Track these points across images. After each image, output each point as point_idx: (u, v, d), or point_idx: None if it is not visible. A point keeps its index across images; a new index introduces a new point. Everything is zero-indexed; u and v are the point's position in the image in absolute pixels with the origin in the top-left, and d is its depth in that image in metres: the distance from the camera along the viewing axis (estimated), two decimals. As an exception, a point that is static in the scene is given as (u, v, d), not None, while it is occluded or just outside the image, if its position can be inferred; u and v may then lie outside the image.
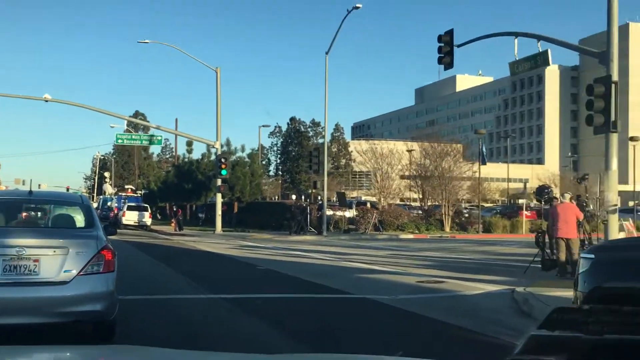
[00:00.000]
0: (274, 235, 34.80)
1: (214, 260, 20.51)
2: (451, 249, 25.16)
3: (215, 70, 37.68)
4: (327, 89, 33.82)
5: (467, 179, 39.27)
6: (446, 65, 22.20)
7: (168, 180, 58.19)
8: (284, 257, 21.41)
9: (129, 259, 19.66)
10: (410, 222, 37.33)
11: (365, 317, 9.82)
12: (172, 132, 37.62)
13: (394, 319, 9.71)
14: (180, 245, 28.12)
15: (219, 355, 3.20)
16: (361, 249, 25.49)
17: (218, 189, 37.38)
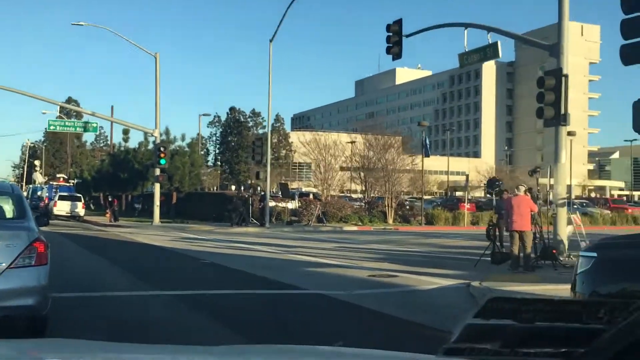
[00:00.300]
0: (215, 227, 33.90)
1: (154, 253, 19.59)
2: (397, 241, 24.99)
3: (154, 55, 36.32)
4: (270, 78, 33.08)
5: (410, 172, 39.32)
6: (395, 55, 21.90)
7: (103, 169, 56.19)
8: (227, 249, 20.69)
9: (62, 252, 18.51)
10: (353, 214, 37.10)
11: (322, 315, 9.31)
12: (108, 119, 36.00)
13: (352, 316, 9.25)
14: (117, 237, 26.93)
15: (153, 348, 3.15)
16: (306, 241, 25.00)
17: (156, 178, 36.12)
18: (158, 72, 36.27)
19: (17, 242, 6.34)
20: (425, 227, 35.78)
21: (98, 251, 19.01)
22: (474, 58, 18.52)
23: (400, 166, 37.40)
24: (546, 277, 12.70)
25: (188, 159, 44.30)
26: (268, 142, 33.52)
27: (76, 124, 35.79)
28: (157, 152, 35.37)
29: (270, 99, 32.94)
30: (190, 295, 10.35)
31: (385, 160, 36.75)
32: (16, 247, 6.29)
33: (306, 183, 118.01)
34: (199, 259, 17.35)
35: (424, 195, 48.00)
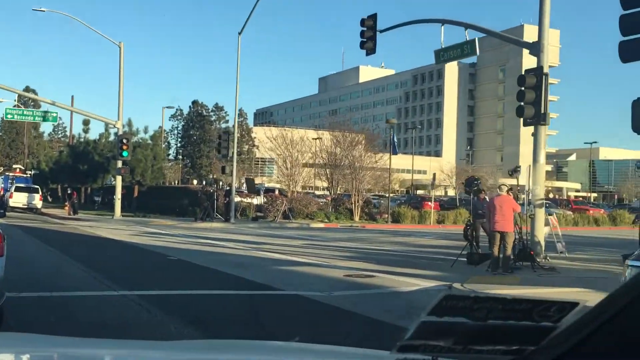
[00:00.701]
0: (178, 222, 33.03)
1: (117, 248, 18.78)
2: (366, 239, 24.62)
3: (119, 45, 35.18)
4: (238, 71, 32.33)
5: (378, 170, 39.04)
6: (368, 50, 21.50)
7: (61, 160, 54.48)
8: (194, 245, 20.00)
9: (19, 247, 17.60)
10: (320, 211, 36.65)
11: (304, 318, 8.81)
12: (69, 108, 34.64)
13: (335, 320, 8.77)
14: (77, 231, 25.90)
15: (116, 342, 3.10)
16: (274, 237, 24.44)
17: (118, 171, 35.06)
18: (122, 62, 35.18)
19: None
20: (392, 225, 35.56)
21: (58, 246, 18.11)
22: (450, 55, 18.21)
23: (367, 163, 37.09)
24: (527, 280, 12.46)
25: (150, 151, 43.21)
26: (235, 135, 32.79)
27: (35, 113, 34.33)
28: (119, 144, 34.29)
29: (238, 93, 32.26)
30: (160, 296, 9.72)
31: (353, 157, 36.37)
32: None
33: (268, 178, 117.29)
34: (165, 255, 16.65)
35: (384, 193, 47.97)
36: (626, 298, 1.27)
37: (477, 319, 1.32)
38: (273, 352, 2.66)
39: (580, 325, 1.31)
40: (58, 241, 20.32)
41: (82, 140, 52.14)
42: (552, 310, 1.33)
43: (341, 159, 36.80)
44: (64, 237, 23.05)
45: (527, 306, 1.33)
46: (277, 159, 38.19)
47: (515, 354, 1.37)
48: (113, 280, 11.17)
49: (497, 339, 1.35)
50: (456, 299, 1.33)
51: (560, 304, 1.33)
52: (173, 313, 8.44)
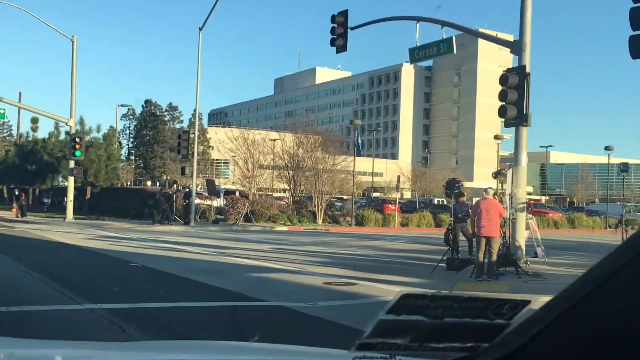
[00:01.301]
0: (135, 225, 31.68)
1: (74, 254, 17.54)
2: (334, 243, 23.90)
3: (72, 39, 33.58)
4: (199, 68, 31.25)
5: (341, 172, 38.38)
6: (339, 47, 20.83)
7: (8, 160, 52.10)
8: (156, 250, 18.93)
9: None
10: (282, 213, 35.80)
11: (291, 332, 8.01)
12: (17, 105, 32.80)
13: (325, 334, 8.01)
14: (27, 234, 24.38)
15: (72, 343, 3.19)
16: (238, 241, 23.49)
17: (70, 171, 33.46)
18: (75, 57, 33.59)
19: None
20: (356, 228, 34.98)
21: (8, 252, 16.79)
22: (426, 53, 17.69)
23: (331, 165, 36.41)
24: (515, 287, 11.95)
25: (104, 151, 41.57)
26: (195, 135, 31.65)
27: (-19, 108, 32.52)
28: (72, 143, 32.72)
29: (198, 90, 31.16)
30: (131, 310, 8.77)
31: (315, 158, 35.63)
32: None
33: (225, 180, 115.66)
34: (128, 261, 15.57)
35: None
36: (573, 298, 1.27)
37: (434, 317, 1.33)
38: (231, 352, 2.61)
39: (529, 324, 1.32)
40: (7, 246, 18.94)
41: (30, 139, 49.91)
42: (505, 308, 1.35)
43: (304, 160, 36.02)
44: (14, 241, 21.59)
45: (482, 304, 1.35)
46: (237, 159, 37.13)
47: (470, 350, 1.40)
48: (75, 291, 10.12)
49: (452, 336, 1.38)
50: (414, 298, 1.33)
51: (512, 302, 1.36)
52: (149, 330, 7.52)
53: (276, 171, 39.96)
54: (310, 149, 35.60)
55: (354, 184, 39.46)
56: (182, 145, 31.25)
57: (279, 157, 38.03)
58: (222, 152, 40.49)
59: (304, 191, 38.60)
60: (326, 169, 35.56)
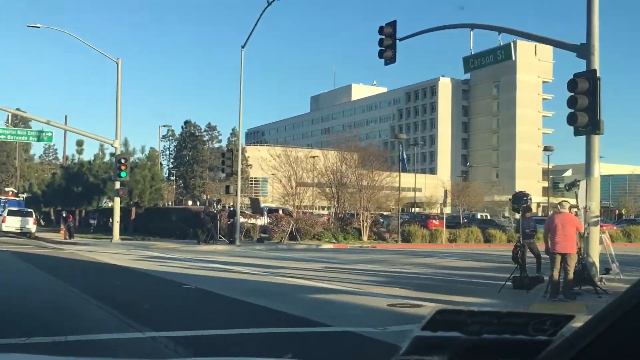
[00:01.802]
0: (180, 245, 31.49)
1: (125, 276, 17.23)
2: (386, 261, 23.16)
3: (116, 61, 33.82)
4: (242, 86, 31.05)
5: (386, 188, 37.64)
6: (387, 59, 20.25)
7: (55, 183, 52.91)
8: (205, 271, 18.51)
9: (17, 276, 16.11)
10: (326, 231, 35.19)
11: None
12: (65, 128, 33.02)
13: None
14: (76, 256, 24.30)
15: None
16: (287, 260, 22.97)
17: (116, 192, 33.50)
18: (119, 79, 33.83)
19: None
20: (402, 244, 34.14)
21: (60, 274, 16.57)
22: (481, 62, 16.96)
23: (376, 181, 35.72)
24: (594, 307, 11.07)
25: (148, 172, 41.71)
26: (239, 154, 31.31)
27: (29, 132, 32.76)
28: (117, 165, 32.78)
29: (241, 107, 30.99)
30: (195, 339, 8.23)
31: (360, 174, 34.99)
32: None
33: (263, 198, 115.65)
34: (180, 283, 15.15)
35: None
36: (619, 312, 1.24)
37: (471, 333, 1.30)
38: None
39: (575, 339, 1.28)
40: (59, 269, 18.79)
41: (76, 162, 50.48)
42: (548, 323, 1.33)
43: (347, 177, 35.41)
44: (64, 263, 21.48)
45: (522, 320, 1.32)
46: (280, 177, 36.70)
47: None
48: (133, 317, 9.66)
49: (491, 353, 1.32)
50: (450, 313, 1.30)
51: (555, 317, 1.32)
52: None
53: (317, 188, 39.42)
54: (354, 164, 34.98)
55: (399, 199, 38.67)
56: (226, 163, 30.99)
57: (322, 174, 37.48)
58: (264, 170, 40.08)
59: (347, 208, 37.97)
60: (370, 185, 34.87)
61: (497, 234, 37.70)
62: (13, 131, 32.35)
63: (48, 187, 55.70)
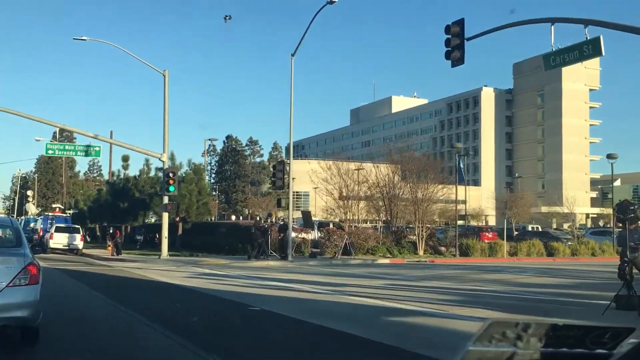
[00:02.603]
0: (230, 260, 30.46)
1: (182, 296, 16.15)
2: (454, 277, 21.65)
3: (163, 73, 33.21)
4: (292, 94, 30.06)
5: (444, 200, 36.08)
6: (455, 60, 18.89)
7: (101, 198, 52.71)
8: (266, 289, 17.32)
9: (69, 297, 15.18)
10: (380, 245, 33.77)
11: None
12: (113, 142, 32.42)
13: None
14: (127, 274, 23.43)
15: None
16: (347, 277, 21.65)
17: (164, 207, 32.72)
18: (167, 91, 33.15)
19: (14, 265, 7.43)
20: (461, 259, 32.50)
21: (113, 294, 15.58)
22: (565, 58, 15.47)
23: (432, 192, 34.21)
24: None
25: (195, 186, 40.96)
26: (290, 166, 30.21)
27: (77, 147, 32.29)
28: (165, 179, 32.04)
29: (292, 116, 29.95)
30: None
31: (415, 186, 33.52)
32: (14, 269, 7.38)
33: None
34: (242, 303, 13.98)
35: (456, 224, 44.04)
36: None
37: (526, 347, 1.24)
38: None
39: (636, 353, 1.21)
40: (111, 288, 17.84)
41: (122, 177, 50.19)
42: (607, 336, 1.26)
43: (401, 188, 33.99)
44: (115, 282, 20.59)
45: (580, 333, 1.26)
46: (332, 189, 35.46)
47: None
48: (204, 346, 8.47)
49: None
50: (503, 326, 1.25)
51: (615, 329, 1.25)
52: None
53: (368, 201, 38.02)
54: (409, 175, 33.55)
55: (457, 211, 37.02)
56: (277, 176, 29.90)
57: (373, 186, 36.11)
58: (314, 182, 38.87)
59: (399, 221, 36.50)
60: (426, 198, 33.39)
61: (560, 247, 35.76)
62: (61, 146, 31.90)
63: (94, 203, 55.58)
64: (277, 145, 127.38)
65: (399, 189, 34.21)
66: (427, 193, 33.65)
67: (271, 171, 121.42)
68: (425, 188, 33.63)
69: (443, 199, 36.63)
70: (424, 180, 34.08)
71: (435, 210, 36.15)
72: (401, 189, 34.01)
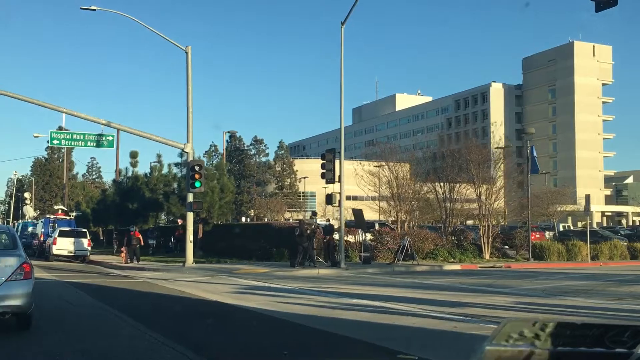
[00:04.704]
0: (270, 268, 25.59)
1: (259, 326, 11.27)
2: (585, 290, 16.89)
3: (186, 50, 28.37)
4: (342, 67, 25.32)
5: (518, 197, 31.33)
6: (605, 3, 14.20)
7: (106, 200, 47.76)
8: (360, 312, 12.51)
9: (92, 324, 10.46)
10: (440, 248, 29.03)
11: None
12: (128, 130, 27.42)
13: None
14: (155, 288, 18.53)
15: None
16: (439, 291, 16.95)
17: (190, 206, 27.89)
18: (189, 70, 28.32)
19: (11, 264, 9.21)
20: (539, 263, 27.83)
21: (151, 322, 10.79)
22: None
23: (498, 187, 29.50)
24: None
25: (217, 183, 36.11)
26: (341, 154, 25.31)
27: (87, 136, 27.30)
28: (190, 173, 27.18)
29: (342, 88, 25.26)
30: None
31: (481, 179, 28.80)
32: (11, 267, 9.16)
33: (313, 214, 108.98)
34: (356, 340, 9.23)
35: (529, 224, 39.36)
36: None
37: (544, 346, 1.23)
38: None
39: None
40: (141, 309, 13.11)
41: (130, 175, 45.19)
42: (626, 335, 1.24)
43: (460, 184, 29.29)
44: (146, 301, 15.78)
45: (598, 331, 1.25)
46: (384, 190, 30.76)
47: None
48: None
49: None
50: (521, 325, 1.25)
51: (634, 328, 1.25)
52: None
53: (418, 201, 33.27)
54: (472, 166, 28.82)
55: (529, 207, 32.23)
56: (327, 167, 25.06)
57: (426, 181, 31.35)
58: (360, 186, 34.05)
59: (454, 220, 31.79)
60: (492, 192, 28.67)
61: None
62: (68, 135, 26.98)
63: (98, 204, 50.64)
64: (283, 144, 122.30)
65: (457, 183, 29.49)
66: (493, 188, 28.91)
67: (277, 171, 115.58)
68: (493, 181, 28.90)
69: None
70: (486, 172, 29.33)
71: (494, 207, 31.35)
72: (460, 184, 29.30)
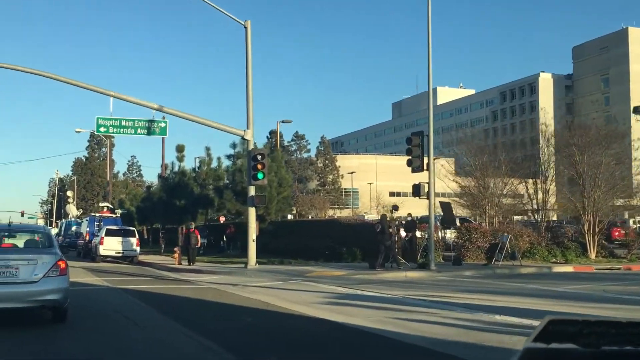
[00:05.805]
0: (347, 271, 22.14)
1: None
2: None
3: (245, 24, 25.15)
4: (430, 35, 21.74)
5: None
6: None
7: (152, 197, 45.02)
8: (519, 336, 8.99)
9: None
10: (537, 246, 25.21)
11: None
12: (182, 115, 24.14)
13: None
14: (230, 298, 15.24)
15: None
16: (578, 302, 13.34)
17: (252, 201, 24.65)
18: (249, 47, 25.07)
19: (48, 261, 10.03)
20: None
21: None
22: None
23: (613, 172, 25.58)
24: None
25: (274, 176, 32.81)
26: (430, 138, 21.72)
27: (137, 123, 24.22)
28: (252, 163, 23.90)
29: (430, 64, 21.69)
30: None
31: (591, 163, 24.88)
32: (48, 264, 9.97)
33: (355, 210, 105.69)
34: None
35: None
36: None
37: (588, 345, 1.19)
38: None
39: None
40: (238, 337, 9.73)
41: (177, 171, 42.23)
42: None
43: (565, 169, 25.44)
44: (228, 316, 12.47)
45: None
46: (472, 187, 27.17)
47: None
48: None
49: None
50: (564, 324, 1.21)
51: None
52: None
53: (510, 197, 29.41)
54: (584, 148, 24.87)
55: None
56: (414, 153, 21.48)
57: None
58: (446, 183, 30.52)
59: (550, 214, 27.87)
60: (604, 178, 24.74)
61: None
62: (116, 122, 24.03)
63: (143, 202, 48.01)
64: (325, 140, 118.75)
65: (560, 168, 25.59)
66: (607, 173, 24.95)
67: (319, 167, 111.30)
68: (608, 165, 24.79)
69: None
70: (592, 157, 25.31)
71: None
72: (565, 169, 25.41)
